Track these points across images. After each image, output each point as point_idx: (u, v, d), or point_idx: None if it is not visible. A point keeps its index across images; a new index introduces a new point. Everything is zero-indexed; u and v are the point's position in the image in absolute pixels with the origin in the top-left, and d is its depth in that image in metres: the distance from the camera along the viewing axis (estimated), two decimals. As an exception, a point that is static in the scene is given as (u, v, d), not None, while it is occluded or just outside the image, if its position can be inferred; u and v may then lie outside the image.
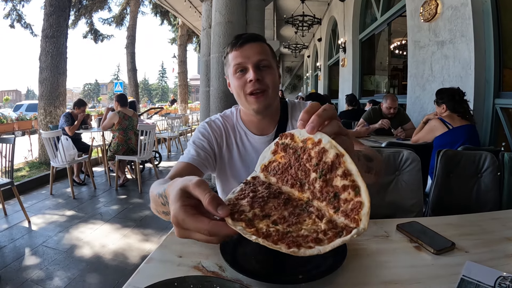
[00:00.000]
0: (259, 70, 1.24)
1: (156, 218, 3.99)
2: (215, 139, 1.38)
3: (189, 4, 9.09)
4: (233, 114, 1.46)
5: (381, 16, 6.85)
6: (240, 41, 1.26)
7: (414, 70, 4.80)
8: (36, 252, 3.15)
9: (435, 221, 1.21)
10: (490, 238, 1.06)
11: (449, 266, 0.88)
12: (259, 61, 1.24)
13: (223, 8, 3.48)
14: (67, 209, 4.34)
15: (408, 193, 1.63)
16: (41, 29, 7.15)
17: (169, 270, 0.83)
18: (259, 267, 0.85)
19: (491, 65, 3.50)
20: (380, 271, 0.85)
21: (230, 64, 1.28)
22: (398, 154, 1.69)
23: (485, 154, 1.96)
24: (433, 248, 0.94)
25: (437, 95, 3.18)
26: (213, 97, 3.62)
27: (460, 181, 1.98)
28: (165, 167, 7.17)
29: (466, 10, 3.55)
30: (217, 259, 0.86)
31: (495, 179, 1.95)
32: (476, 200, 1.96)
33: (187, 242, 0.98)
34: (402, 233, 1.06)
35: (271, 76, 1.26)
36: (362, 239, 1.02)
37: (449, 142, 2.85)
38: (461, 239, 1.01)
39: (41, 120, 6.99)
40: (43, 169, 6.42)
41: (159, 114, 13.50)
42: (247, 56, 1.24)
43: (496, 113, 3.54)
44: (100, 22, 19.41)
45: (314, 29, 12.88)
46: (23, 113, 16.20)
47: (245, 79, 1.24)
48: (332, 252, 0.88)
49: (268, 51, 1.29)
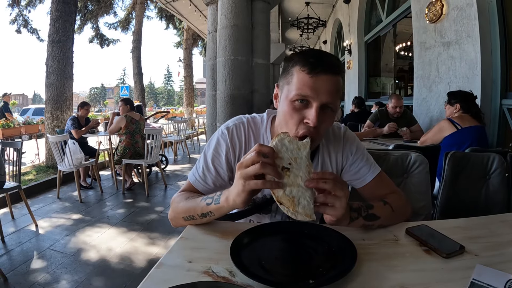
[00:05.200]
0: (322, 111, 1.03)
1: (163, 222, 4.01)
2: (233, 151, 1.22)
3: (194, 8, 9.13)
4: (264, 121, 1.27)
5: (386, 17, 6.85)
6: (318, 68, 1.01)
7: (420, 72, 4.78)
8: (43, 256, 3.17)
9: (443, 224, 1.20)
10: (500, 241, 1.05)
11: (459, 269, 0.87)
12: (328, 102, 1.03)
13: (229, 11, 3.49)
14: (74, 213, 4.36)
15: (416, 196, 1.62)
16: (47, 34, 7.20)
17: (180, 275, 0.83)
18: (270, 272, 0.84)
19: (497, 66, 3.48)
20: (390, 275, 0.85)
21: (292, 84, 1.05)
22: (406, 156, 1.68)
23: (493, 156, 1.94)
24: (442, 252, 0.94)
25: (450, 96, 3.19)
26: (220, 100, 3.62)
27: (468, 183, 1.96)
28: (171, 171, 7.20)
29: (471, 10, 3.53)
30: (227, 264, 0.86)
31: (503, 180, 1.93)
32: (484, 202, 1.94)
33: (197, 248, 0.99)
34: (412, 237, 1.05)
35: (330, 121, 1.09)
36: (372, 243, 1.02)
37: (457, 143, 2.85)
38: (470, 242, 1.00)
39: (48, 124, 7.05)
40: (50, 173, 6.46)
41: (165, 118, 13.55)
42: (317, 91, 1.01)
43: (503, 114, 3.52)
44: (106, 26, 19.65)
45: (319, 31, 12.91)
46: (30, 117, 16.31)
47: (303, 115, 1.04)
48: (342, 257, 0.89)
49: (340, 90, 1.08)
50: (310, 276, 0.82)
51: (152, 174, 6.65)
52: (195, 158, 8.54)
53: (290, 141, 0.93)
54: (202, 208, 1.04)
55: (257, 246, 0.97)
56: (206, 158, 1.24)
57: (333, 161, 1.28)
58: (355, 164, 1.27)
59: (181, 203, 1.13)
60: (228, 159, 1.22)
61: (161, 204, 4.80)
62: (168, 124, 11.10)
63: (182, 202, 1.13)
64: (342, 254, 0.90)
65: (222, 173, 1.22)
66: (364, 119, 4.76)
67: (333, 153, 1.28)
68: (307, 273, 0.85)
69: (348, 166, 1.28)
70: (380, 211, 1.09)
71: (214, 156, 1.22)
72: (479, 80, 3.50)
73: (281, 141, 0.93)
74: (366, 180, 1.26)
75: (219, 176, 1.22)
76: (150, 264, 3.01)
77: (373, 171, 1.27)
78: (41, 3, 15.89)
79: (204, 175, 1.22)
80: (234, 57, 3.51)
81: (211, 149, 1.24)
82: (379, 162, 1.39)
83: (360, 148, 1.29)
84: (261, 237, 1.01)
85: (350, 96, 8.61)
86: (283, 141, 0.93)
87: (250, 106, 3.59)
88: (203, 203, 1.04)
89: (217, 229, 1.09)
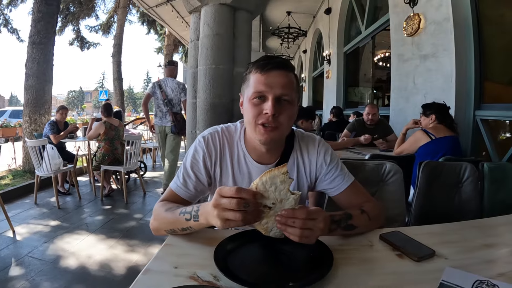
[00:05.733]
0: (279, 104, 1.15)
1: (142, 229, 3.98)
2: (209, 157, 1.30)
3: (177, 14, 9.09)
4: (237, 130, 1.36)
5: (366, 29, 7.00)
6: (268, 66, 1.16)
7: (397, 83, 4.91)
8: (21, 263, 3.11)
9: (417, 231, 1.26)
10: (470, 245, 1.11)
11: (429, 272, 0.93)
12: (281, 94, 1.15)
13: (211, 20, 3.51)
14: (52, 219, 4.28)
15: (391, 204, 1.68)
16: (28, 35, 7.02)
17: (166, 280, 0.85)
18: (252, 275, 0.88)
19: (471, 78, 3.62)
20: (365, 278, 0.90)
21: (250, 86, 1.19)
22: (381, 166, 1.74)
23: (465, 165, 2.02)
24: (414, 256, 0.99)
25: (425, 108, 3.29)
26: (200, 109, 3.62)
27: (442, 191, 2.03)
28: (150, 178, 7.12)
29: (448, 25, 3.67)
30: (212, 269, 0.89)
31: (476, 188, 2.01)
32: (458, 209, 2.00)
33: (182, 254, 1.03)
34: (385, 242, 1.11)
35: (289, 113, 1.18)
36: (348, 249, 1.07)
37: (431, 152, 2.93)
38: (441, 246, 1.06)
39: (26, 127, 6.86)
40: (27, 178, 6.32)
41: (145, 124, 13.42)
42: (270, 85, 1.14)
43: (477, 125, 3.65)
44: (87, 29, 19.17)
45: (299, 41, 13.03)
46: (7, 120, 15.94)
47: (261, 108, 1.15)
48: (320, 261, 0.94)
49: (293, 84, 1.20)
50: (290, 279, 0.87)
51: (130, 181, 6.57)
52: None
53: (283, 182, 0.92)
54: (181, 223, 1.07)
55: (240, 251, 1.01)
56: (186, 165, 1.31)
57: (307, 170, 1.36)
58: (330, 174, 1.34)
59: (162, 215, 1.16)
60: (206, 165, 1.30)
61: (140, 211, 4.75)
62: (147, 131, 10.99)
63: (163, 214, 1.16)
64: (320, 259, 0.95)
65: (201, 178, 1.30)
66: (342, 128, 4.83)
67: (307, 163, 1.36)
68: (287, 276, 0.90)
69: (323, 175, 1.35)
70: (358, 221, 1.15)
71: (193, 163, 1.30)
72: (454, 91, 3.63)
73: (273, 179, 0.91)
74: (340, 189, 1.33)
75: (199, 181, 1.30)
76: (130, 271, 2.99)
77: (347, 180, 1.34)
78: (23, 3, 15.51)
79: (185, 181, 1.28)
80: (215, 66, 3.53)
81: (190, 157, 1.32)
82: (355, 171, 1.45)
83: (334, 158, 1.36)
84: (243, 243, 1.05)
85: (328, 106, 8.71)
86: (274, 179, 0.91)
87: (230, 114, 3.61)
88: (182, 218, 1.06)
89: (201, 236, 1.12)
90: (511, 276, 0.90)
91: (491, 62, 3.64)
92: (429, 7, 4.00)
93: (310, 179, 1.36)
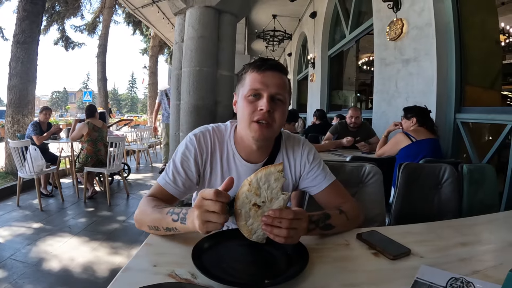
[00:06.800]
0: (273, 102, 1.21)
1: (125, 231, 3.96)
2: (200, 155, 1.32)
3: (162, 16, 9.08)
4: (227, 129, 1.39)
5: (350, 33, 7.06)
6: (264, 66, 1.22)
7: (380, 86, 4.97)
8: (4, 266, 3.06)
9: (395, 230, 1.29)
10: (445, 244, 1.14)
11: (404, 269, 0.95)
12: (276, 93, 1.21)
13: (196, 23, 3.52)
14: (34, 222, 4.22)
15: (371, 204, 1.71)
16: (12, 34, 6.92)
17: (146, 278, 0.86)
18: (229, 273, 0.89)
19: (452, 82, 3.69)
20: (341, 275, 0.92)
21: (246, 85, 1.24)
22: (361, 167, 1.77)
23: (444, 166, 2.06)
24: (390, 254, 1.01)
25: (406, 111, 3.34)
26: (184, 110, 3.61)
27: (422, 192, 2.06)
28: (133, 180, 7.07)
29: (430, 30, 3.73)
30: (190, 268, 0.90)
31: (455, 189, 2.04)
32: (437, 210, 2.04)
33: (161, 253, 1.04)
34: (362, 241, 1.13)
35: (282, 112, 1.24)
36: (324, 248, 1.09)
37: (412, 154, 2.98)
38: (417, 245, 1.09)
39: (8, 128, 6.75)
40: (10, 179, 6.22)
41: (129, 126, 13.36)
42: (266, 84, 1.20)
43: (457, 127, 3.71)
44: (72, 29, 19.01)
45: (284, 44, 13.11)
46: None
47: (256, 105, 1.20)
48: (296, 259, 0.96)
49: (286, 86, 1.27)
50: (266, 277, 0.89)
51: (114, 183, 6.48)
52: (157, 167, 8.42)
53: (277, 180, 0.94)
54: (167, 222, 1.07)
55: (217, 250, 1.02)
56: (175, 162, 1.31)
57: (292, 169, 1.40)
58: (312, 172, 1.38)
59: (149, 210, 1.15)
60: (197, 162, 1.31)
61: (123, 213, 4.71)
62: (131, 132, 10.90)
63: (149, 209, 1.15)
64: (296, 257, 0.97)
65: (190, 175, 1.30)
66: (325, 131, 4.86)
67: (292, 162, 1.40)
68: (263, 273, 0.92)
69: (305, 173, 1.39)
70: (336, 220, 1.18)
71: (183, 160, 1.30)
72: (435, 95, 3.70)
73: (268, 176, 0.94)
74: (321, 187, 1.37)
75: (188, 178, 1.30)
76: (113, 273, 2.95)
77: (328, 179, 1.38)
78: (8, 1, 15.36)
79: (174, 177, 1.28)
80: (199, 68, 3.54)
81: (180, 153, 1.32)
82: (335, 172, 1.47)
83: (316, 158, 1.41)
84: (221, 242, 1.07)
85: (312, 108, 8.75)
86: (269, 176, 0.94)
87: (213, 116, 3.62)
88: (169, 218, 1.06)
89: (180, 236, 1.12)
90: (485, 274, 0.93)
91: (471, 67, 3.73)
92: (412, 12, 4.07)
93: (295, 177, 1.41)
